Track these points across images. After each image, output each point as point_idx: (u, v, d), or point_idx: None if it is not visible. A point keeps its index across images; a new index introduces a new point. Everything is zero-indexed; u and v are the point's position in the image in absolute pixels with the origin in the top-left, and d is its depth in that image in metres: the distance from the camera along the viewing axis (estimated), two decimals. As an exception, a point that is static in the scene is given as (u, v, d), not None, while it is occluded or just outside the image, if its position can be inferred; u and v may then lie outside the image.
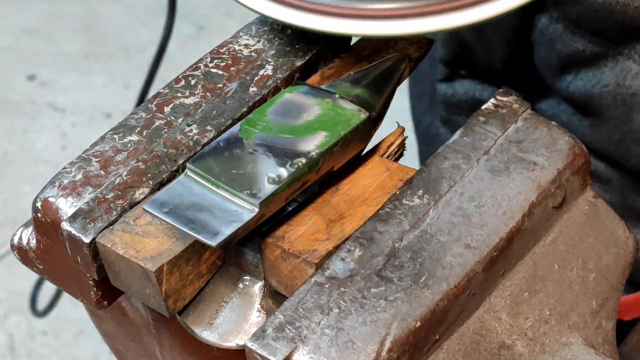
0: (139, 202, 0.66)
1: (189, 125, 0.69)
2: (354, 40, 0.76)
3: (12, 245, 0.70)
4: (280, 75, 0.72)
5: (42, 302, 1.65)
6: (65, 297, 0.69)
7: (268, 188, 0.62)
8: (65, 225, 0.65)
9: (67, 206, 0.66)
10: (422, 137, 1.14)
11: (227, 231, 0.61)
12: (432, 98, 1.07)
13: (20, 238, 0.70)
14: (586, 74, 0.88)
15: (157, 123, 0.69)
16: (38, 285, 1.64)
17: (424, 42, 0.76)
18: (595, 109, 0.88)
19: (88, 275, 0.66)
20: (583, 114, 0.91)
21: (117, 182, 0.66)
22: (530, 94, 0.96)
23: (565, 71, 0.89)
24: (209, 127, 0.69)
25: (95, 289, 0.67)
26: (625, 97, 0.86)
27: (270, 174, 0.63)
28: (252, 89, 0.71)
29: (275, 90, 0.71)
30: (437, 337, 0.60)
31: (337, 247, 0.62)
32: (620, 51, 0.85)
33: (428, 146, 1.12)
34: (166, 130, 0.69)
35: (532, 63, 0.93)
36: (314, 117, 0.66)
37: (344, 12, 0.67)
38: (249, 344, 0.58)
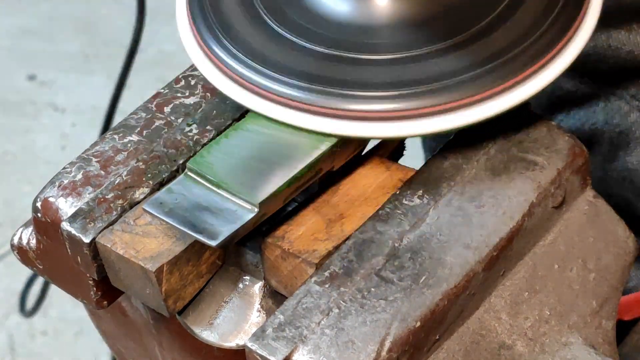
0: (139, 202, 0.66)
1: (189, 125, 0.69)
2: None
3: (12, 245, 0.70)
4: (280, 75, 0.72)
5: (31, 302, 1.65)
6: (66, 297, 0.69)
7: (268, 188, 0.62)
8: (65, 225, 0.65)
9: (67, 206, 0.66)
10: (428, 152, 1.14)
11: (227, 231, 0.61)
12: None
13: (20, 238, 0.70)
14: (578, 113, 0.88)
15: (157, 123, 0.69)
16: (27, 286, 1.64)
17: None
18: (586, 146, 0.87)
19: (88, 275, 0.66)
20: None
21: (117, 182, 0.66)
22: None
23: (557, 110, 0.89)
24: (209, 127, 0.69)
25: (95, 289, 0.67)
26: (613, 136, 0.86)
27: (270, 173, 0.63)
28: (252, 89, 0.71)
29: (275, 90, 0.71)
30: (437, 337, 0.60)
31: (337, 247, 0.62)
32: (612, 91, 0.86)
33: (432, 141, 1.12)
34: (166, 130, 0.69)
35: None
36: (314, 117, 0.66)
37: (327, 112, 0.64)
38: (249, 344, 0.58)
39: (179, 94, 0.71)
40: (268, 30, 0.67)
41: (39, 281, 1.63)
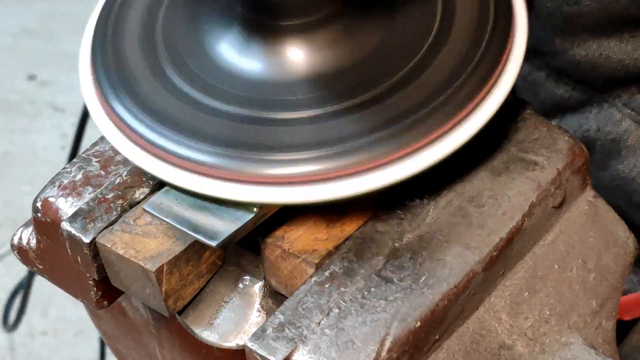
0: (139, 202, 0.66)
1: (189, 125, 0.69)
2: None
3: (12, 245, 0.70)
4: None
5: (13, 316, 1.65)
6: (66, 297, 0.69)
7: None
8: (65, 225, 0.65)
9: (67, 206, 0.66)
10: None
11: (226, 231, 0.61)
12: None
13: (20, 238, 0.70)
14: (571, 119, 0.88)
15: (157, 123, 0.69)
16: (10, 301, 1.63)
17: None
18: None
19: (88, 275, 0.66)
20: None
21: (117, 182, 0.66)
22: None
23: (550, 116, 0.89)
24: (209, 127, 0.69)
25: (95, 289, 0.67)
26: (605, 143, 0.86)
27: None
28: (252, 89, 0.71)
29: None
30: (437, 337, 0.60)
31: (337, 247, 0.62)
32: (604, 98, 0.86)
33: None
34: (166, 130, 0.69)
35: None
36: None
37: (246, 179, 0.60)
38: (249, 344, 0.58)
39: (179, 94, 0.71)
40: (177, 93, 0.63)
41: (21, 295, 1.62)
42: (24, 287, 1.61)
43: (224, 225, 0.61)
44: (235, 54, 0.64)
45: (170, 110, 0.63)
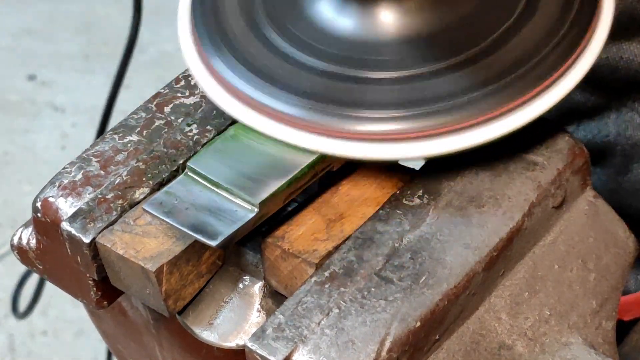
0: (138, 202, 0.66)
1: (189, 125, 0.69)
2: None
3: (12, 245, 0.70)
4: (280, 75, 0.72)
5: (24, 304, 1.65)
6: (65, 297, 0.69)
7: (268, 188, 0.62)
8: (65, 225, 0.65)
9: (67, 206, 0.66)
10: None
11: (226, 231, 0.61)
12: None
13: (20, 238, 0.70)
14: (588, 125, 0.88)
15: (157, 123, 0.69)
16: (19, 287, 1.63)
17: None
18: (595, 158, 0.87)
19: (88, 275, 0.66)
20: None
21: (117, 182, 0.66)
22: None
23: (567, 122, 0.89)
24: (209, 127, 0.69)
25: (95, 289, 0.67)
26: (625, 148, 0.86)
27: (270, 174, 0.63)
28: (252, 89, 0.71)
29: (275, 90, 0.71)
30: (437, 337, 0.60)
31: (337, 247, 0.62)
32: (624, 103, 0.85)
33: None
34: (166, 130, 0.69)
35: None
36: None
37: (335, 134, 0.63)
38: (249, 344, 0.58)
39: (179, 94, 0.71)
40: (270, 45, 0.66)
41: (32, 282, 1.62)
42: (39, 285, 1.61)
43: (224, 225, 0.61)
44: (331, 13, 0.66)
45: (267, 65, 0.65)
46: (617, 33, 0.82)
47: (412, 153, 0.62)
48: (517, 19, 0.65)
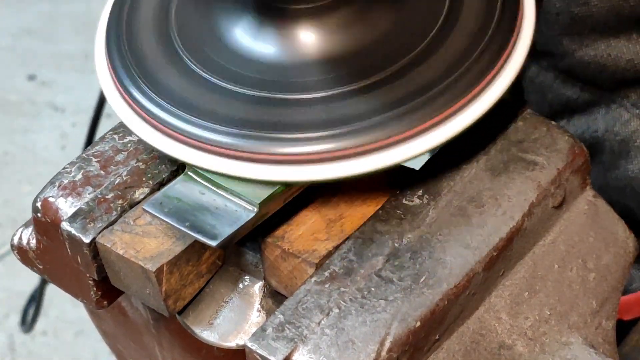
0: (138, 202, 0.66)
1: (189, 125, 0.69)
2: None
3: (12, 245, 0.70)
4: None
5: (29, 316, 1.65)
6: (65, 297, 0.69)
7: (268, 188, 0.62)
8: (65, 225, 0.65)
9: (67, 206, 0.66)
10: None
11: (226, 231, 0.61)
12: None
13: (20, 238, 0.70)
14: (579, 120, 0.88)
15: (157, 123, 0.69)
16: (29, 303, 1.64)
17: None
18: None
19: (88, 275, 0.66)
20: None
21: (117, 182, 0.66)
22: None
23: (558, 117, 0.89)
24: (209, 127, 0.69)
25: (95, 289, 0.67)
26: (613, 144, 0.86)
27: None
28: (252, 89, 0.71)
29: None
30: (437, 337, 0.60)
31: (337, 247, 0.62)
32: (612, 99, 0.86)
33: None
34: (166, 130, 0.69)
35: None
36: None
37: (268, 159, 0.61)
38: (249, 344, 0.58)
39: (179, 94, 0.71)
40: (191, 75, 0.64)
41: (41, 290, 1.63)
42: (39, 289, 1.61)
43: (224, 225, 0.61)
44: (248, 38, 0.65)
45: (187, 94, 0.64)
46: (605, 31, 0.82)
47: (331, 174, 0.61)
48: (434, 37, 0.64)
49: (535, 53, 0.65)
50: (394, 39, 0.64)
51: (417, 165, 0.66)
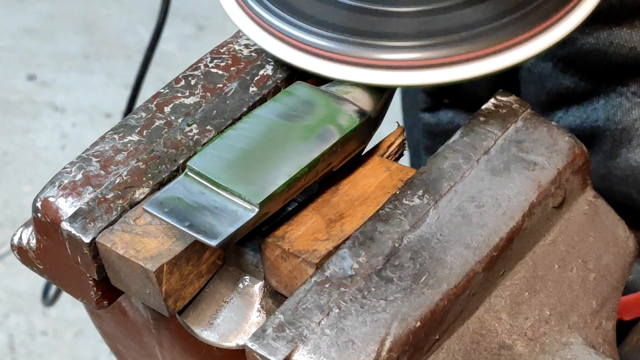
0: (139, 202, 0.66)
1: (189, 125, 0.69)
2: None
3: (12, 245, 0.70)
4: (281, 75, 0.72)
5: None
6: (65, 296, 0.69)
7: (268, 188, 0.62)
8: (65, 225, 0.65)
9: (67, 206, 0.66)
10: (412, 149, 1.14)
11: (227, 231, 0.61)
12: (415, 113, 1.07)
13: (20, 238, 0.70)
14: (577, 110, 0.88)
15: (157, 123, 0.69)
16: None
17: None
18: (584, 144, 0.88)
19: (88, 275, 0.66)
20: None
21: (117, 182, 0.66)
22: None
23: (556, 107, 0.89)
24: (209, 127, 0.69)
25: (95, 288, 0.67)
26: (614, 133, 0.86)
27: (270, 173, 0.63)
28: (252, 89, 0.71)
29: (276, 90, 0.71)
30: (437, 337, 0.60)
31: (337, 247, 0.62)
32: (612, 88, 0.86)
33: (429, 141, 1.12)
34: (166, 130, 0.69)
35: (519, 96, 0.93)
36: (313, 117, 0.66)
37: (368, 63, 0.67)
38: (249, 344, 0.58)
39: (179, 94, 0.71)
40: None
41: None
42: None
43: (224, 225, 0.61)
44: None
45: (297, 1, 0.69)
46: (608, 18, 0.82)
47: (437, 79, 0.66)
48: None
49: None
50: None
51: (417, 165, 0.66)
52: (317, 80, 0.72)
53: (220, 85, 0.71)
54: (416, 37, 0.66)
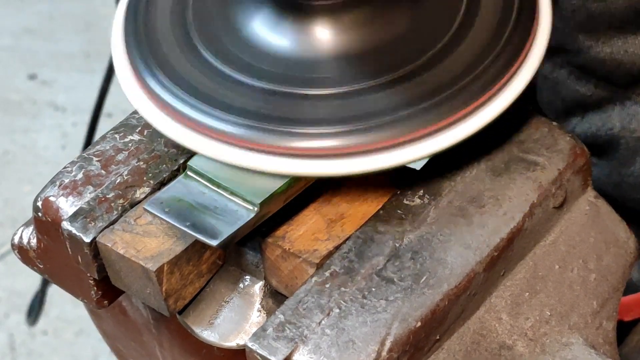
0: (139, 202, 0.66)
1: (189, 125, 0.69)
2: None
3: (13, 245, 0.70)
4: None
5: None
6: (66, 296, 0.69)
7: (268, 188, 0.62)
8: (66, 225, 0.65)
9: (67, 205, 0.66)
10: None
11: (227, 231, 0.61)
12: None
13: (21, 237, 0.69)
14: (593, 117, 0.88)
15: (158, 122, 0.69)
16: (37, 297, 1.64)
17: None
18: (599, 150, 0.87)
19: (88, 274, 0.66)
20: None
21: (117, 181, 0.66)
22: None
23: (571, 114, 0.89)
24: (209, 127, 0.69)
25: (95, 288, 0.67)
26: (629, 141, 0.86)
27: (271, 173, 0.63)
28: (253, 89, 0.71)
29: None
30: (438, 337, 0.60)
31: (337, 247, 0.62)
32: (627, 95, 0.85)
33: None
34: (167, 129, 0.69)
35: (534, 101, 0.93)
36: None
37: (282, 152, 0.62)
38: (249, 344, 0.58)
39: (179, 94, 0.71)
40: (208, 67, 0.65)
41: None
42: (42, 286, 1.62)
43: (225, 225, 0.61)
44: (266, 31, 0.65)
45: (202, 84, 0.64)
46: (622, 27, 0.82)
47: (350, 169, 0.62)
48: (454, 35, 0.65)
49: (549, 49, 0.66)
50: (410, 39, 0.65)
51: (418, 165, 0.66)
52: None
53: (221, 85, 0.71)
54: (338, 122, 0.62)
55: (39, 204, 0.66)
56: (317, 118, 0.62)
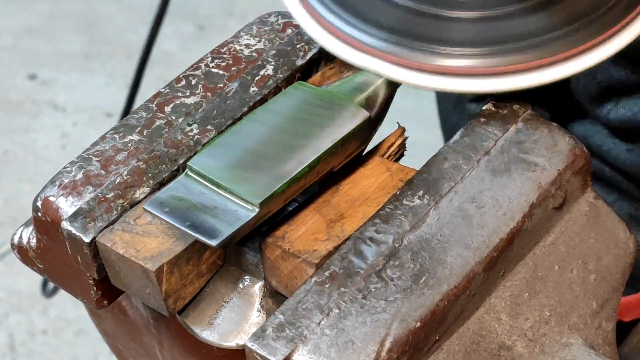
0: (139, 202, 0.66)
1: (189, 125, 0.69)
2: None
3: (13, 245, 0.70)
4: (281, 75, 0.72)
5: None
6: (66, 296, 0.69)
7: (268, 188, 0.62)
8: (66, 225, 0.65)
9: (67, 205, 0.66)
10: (448, 135, 1.14)
11: (227, 231, 0.61)
12: (459, 97, 1.07)
13: (21, 237, 0.70)
14: (628, 102, 0.88)
15: (158, 123, 0.69)
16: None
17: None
18: (634, 135, 0.88)
19: (88, 274, 0.66)
20: (620, 138, 0.90)
21: (117, 181, 0.66)
22: (563, 115, 0.96)
23: (606, 99, 0.89)
24: (209, 127, 0.69)
25: (95, 288, 0.67)
26: None
27: (271, 174, 0.63)
28: (253, 89, 0.71)
29: (276, 90, 0.71)
30: (437, 338, 0.60)
31: (337, 247, 0.62)
32: None
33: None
34: (167, 129, 0.69)
35: (567, 87, 0.93)
36: (314, 117, 0.66)
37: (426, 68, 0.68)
38: (249, 344, 0.58)
39: (179, 94, 0.71)
40: None
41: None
42: None
43: (225, 225, 0.61)
44: None
45: (358, 2, 0.70)
46: None
47: (493, 87, 0.67)
48: None
49: None
50: None
51: (418, 165, 0.66)
52: (319, 81, 0.72)
53: (221, 85, 0.71)
54: (480, 44, 0.67)
55: (39, 203, 0.66)
56: (463, 39, 0.67)
